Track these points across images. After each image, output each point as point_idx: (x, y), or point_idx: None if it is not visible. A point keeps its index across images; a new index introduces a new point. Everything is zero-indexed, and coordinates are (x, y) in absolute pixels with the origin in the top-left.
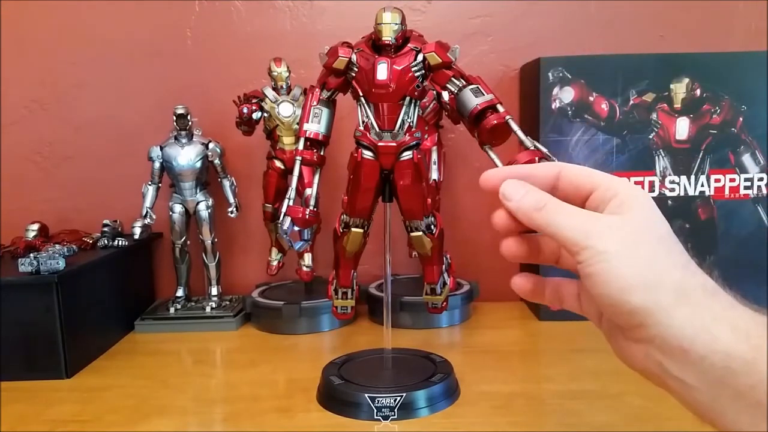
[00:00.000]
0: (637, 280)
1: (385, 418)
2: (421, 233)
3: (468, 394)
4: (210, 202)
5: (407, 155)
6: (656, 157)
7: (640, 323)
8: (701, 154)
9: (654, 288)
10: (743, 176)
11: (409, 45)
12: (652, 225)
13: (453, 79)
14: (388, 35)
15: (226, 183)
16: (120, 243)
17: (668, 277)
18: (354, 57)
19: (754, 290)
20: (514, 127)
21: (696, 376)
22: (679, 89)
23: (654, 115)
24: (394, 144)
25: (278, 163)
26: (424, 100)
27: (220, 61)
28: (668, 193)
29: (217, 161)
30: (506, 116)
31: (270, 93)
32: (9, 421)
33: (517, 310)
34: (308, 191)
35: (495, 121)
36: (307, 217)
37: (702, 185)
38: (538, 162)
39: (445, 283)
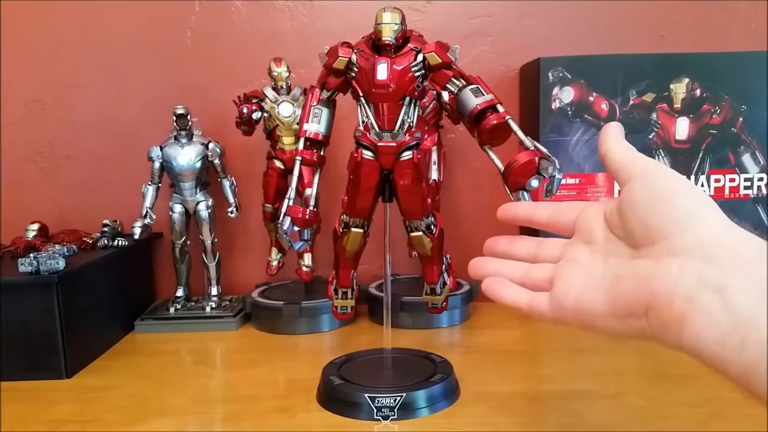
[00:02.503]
0: (689, 187)
1: (385, 418)
2: (421, 233)
3: (468, 394)
4: (210, 202)
5: (407, 155)
6: (656, 157)
7: (688, 226)
8: (701, 154)
9: (702, 197)
10: (743, 176)
11: (409, 45)
12: None
13: (453, 79)
14: (388, 35)
15: (226, 183)
16: (120, 243)
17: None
18: (354, 57)
19: None
20: (514, 127)
21: (744, 277)
22: (679, 89)
23: (654, 115)
24: (394, 144)
25: (278, 163)
26: (424, 100)
27: (220, 61)
28: None
29: (217, 161)
30: (506, 116)
31: (270, 93)
32: (9, 421)
33: (517, 310)
34: (308, 191)
35: (495, 121)
36: (307, 217)
37: (702, 185)
38: (538, 162)
39: (445, 283)
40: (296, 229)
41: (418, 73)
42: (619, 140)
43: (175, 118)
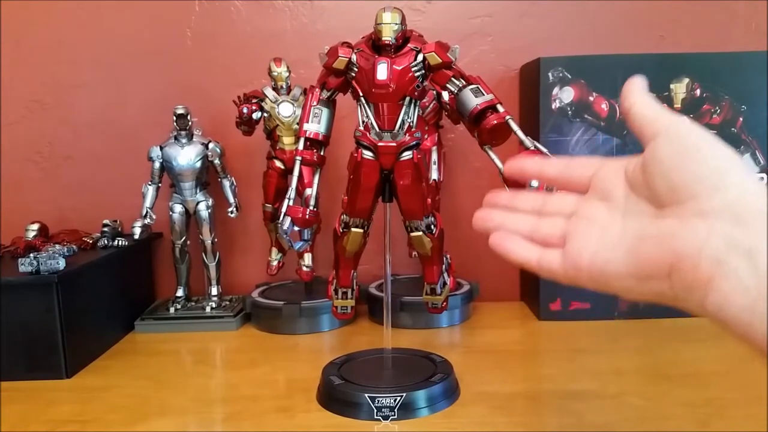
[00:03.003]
0: (718, 144)
1: (385, 418)
2: (421, 233)
3: (468, 394)
4: (210, 202)
5: (407, 155)
6: None
7: (717, 186)
8: None
9: (732, 154)
10: None
11: (409, 45)
12: None
13: (453, 79)
14: (388, 35)
15: (226, 183)
16: (120, 243)
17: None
18: (354, 57)
19: None
20: (514, 127)
21: None
22: (679, 89)
23: None
24: (394, 144)
25: (278, 163)
26: (424, 100)
27: (220, 61)
28: None
29: (217, 161)
30: (506, 116)
31: (270, 93)
32: (9, 421)
33: (517, 310)
34: (308, 191)
35: (495, 121)
36: (307, 217)
37: None
38: None
39: (445, 283)
40: (296, 229)
41: (418, 73)
42: (644, 95)
43: (175, 118)
